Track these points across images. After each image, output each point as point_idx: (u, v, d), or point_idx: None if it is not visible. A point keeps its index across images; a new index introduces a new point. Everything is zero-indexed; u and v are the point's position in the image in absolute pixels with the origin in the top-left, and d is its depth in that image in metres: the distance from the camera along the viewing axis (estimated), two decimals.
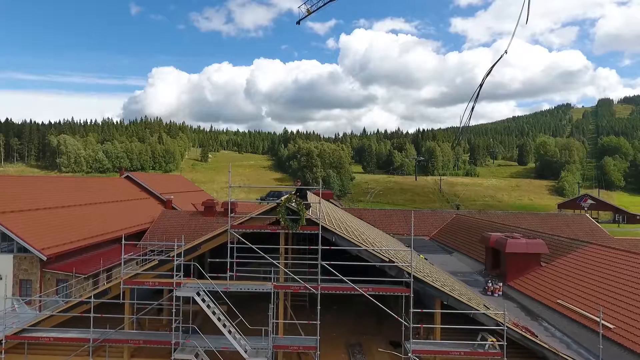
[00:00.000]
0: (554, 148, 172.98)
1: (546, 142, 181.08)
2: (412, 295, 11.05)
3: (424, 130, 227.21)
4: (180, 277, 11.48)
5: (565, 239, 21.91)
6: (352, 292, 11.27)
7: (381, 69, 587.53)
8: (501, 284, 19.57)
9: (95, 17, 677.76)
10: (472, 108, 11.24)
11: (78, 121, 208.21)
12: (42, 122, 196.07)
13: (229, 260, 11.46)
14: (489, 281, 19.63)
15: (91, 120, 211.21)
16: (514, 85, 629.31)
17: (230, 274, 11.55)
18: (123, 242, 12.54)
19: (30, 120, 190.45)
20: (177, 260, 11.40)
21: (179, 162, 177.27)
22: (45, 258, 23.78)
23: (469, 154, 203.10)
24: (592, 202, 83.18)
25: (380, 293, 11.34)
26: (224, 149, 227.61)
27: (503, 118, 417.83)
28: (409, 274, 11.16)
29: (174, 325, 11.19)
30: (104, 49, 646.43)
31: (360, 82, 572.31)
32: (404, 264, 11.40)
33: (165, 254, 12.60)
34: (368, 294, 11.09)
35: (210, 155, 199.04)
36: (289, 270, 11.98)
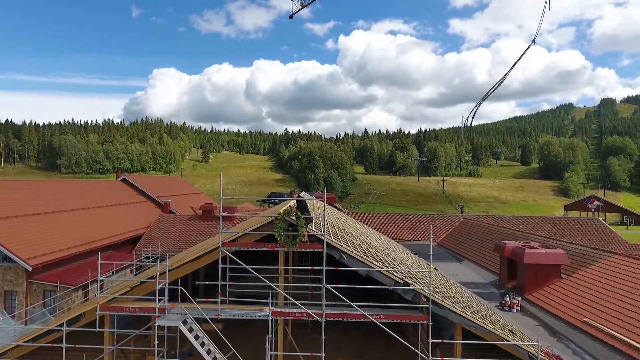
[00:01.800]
0: (557, 148, 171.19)
1: (550, 142, 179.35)
2: (430, 323, 9.60)
3: (425, 130, 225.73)
4: (164, 302, 10.04)
5: (586, 248, 20.40)
6: (362, 320, 9.82)
7: (380, 69, 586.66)
8: (519, 299, 18.08)
9: (96, 19, 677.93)
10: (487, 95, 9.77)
11: (79, 122, 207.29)
12: (43, 122, 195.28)
13: (220, 282, 10.02)
14: (507, 295, 18.14)
15: (92, 121, 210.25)
16: (514, 86, 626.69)
17: (222, 298, 10.12)
18: (100, 260, 11.07)
19: (31, 121, 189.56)
20: (160, 283, 9.96)
21: (179, 163, 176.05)
22: (31, 268, 22.37)
23: (471, 154, 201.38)
24: (599, 203, 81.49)
25: (394, 321, 9.89)
26: (225, 150, 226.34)
27: (503, 118, 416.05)
28: (427, 298, 9.70)
29: (156, 359, 9.77)
30: (105, 51, 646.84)
31: (360, 82, 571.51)
32: (421, 287, 9.95)
33: (151, 260, 11.17)
34: (380, 322, 9.64)
35: (211, 156, 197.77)
36: (288, 294, 10.53)
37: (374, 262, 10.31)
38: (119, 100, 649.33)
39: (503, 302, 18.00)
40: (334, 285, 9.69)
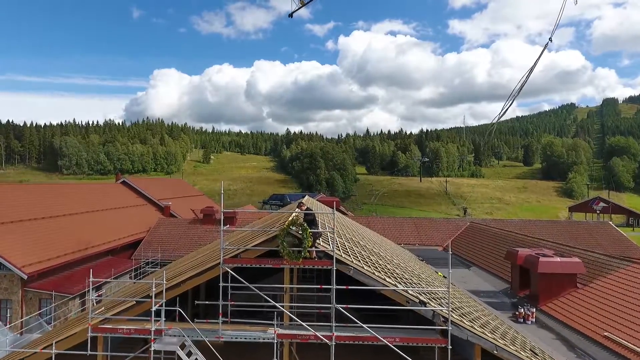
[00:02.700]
0: (560, 148, 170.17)
1: (553, 142, 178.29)
2: (449, 347, 8.85)
3: (427, 130, 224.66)
4: (160, 323, 9.30)
5: (602, 256, 19.60)
6: (375, 343, 9.08)
7: (380, 70, 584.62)
8: (534, 310, 17.30)
9: (97, 20, 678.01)
10: (512, 101, 9.06)
11: (80, 123, 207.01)
12: (44, 123, 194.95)
13: (221, 302, 9.28)
14: (521, 306, 17.36)
15: (93, 122, 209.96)
16: (513, 86, 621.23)
17: (224, 319, 9.38)
18: (91, 277, 10.32)
19: (32, 122, 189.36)
20: (156, 302, 9.19)
21: (180, 163, 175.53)
22: (26, 277, 21.67)
23: (473, 155, 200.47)
24: (605, 204, 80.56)
25: (410, 344, 9.14)
26: (226, 150, 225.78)
27: (504, 118, 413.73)
28: (446, 318, 8.94)
29: None
30: (105, 52, 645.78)
31: (360, 83, 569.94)
32: (439, 306, 9.20)
33: (151, 265, 10.42)
34: (394, 345, 8.89)
35: (212, 157, 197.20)
36: (294, 313, 9.78)
37: (388, 280, 9.56)
38: (119, 100, 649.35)
39: (517, 313, 17.23)
40: (344, 306, 8.94)
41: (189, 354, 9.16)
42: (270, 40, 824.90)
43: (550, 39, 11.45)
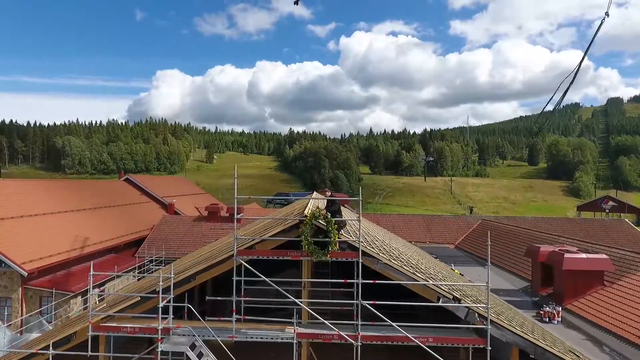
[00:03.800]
0: (566, 148, 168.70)
1: (558, 141, 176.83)
2: (489, 347, 7.98)
3: (431, 130, 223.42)
4: (168, 322, 8.46)
5: (629, 253, 18.65)
6: (405, 343, 8.21)
7: (381, 70, 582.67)
8: (560, 309, 16.36)
9: (101, 22, 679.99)
10: (565, 91, 8.17)
11: (83, 123, 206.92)
12: (47, 123, 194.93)
13: (234, 298, 8.43)
14: (546, 305, 16.42)
15: (96, 122, 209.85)
16: (515, 86, 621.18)
17: (237, 317, 8.52)
18: (92, 271, 9.49)
19: (35, 122, 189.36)
20: (163, 298, 8.33)
21: (184, 163, 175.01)
22: (26, 274, 20.89)
23: (477, 154, 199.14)
24: (614, 204, 79.33)
25: (445, 344, 8.27)
26: (229, 150, 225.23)
27: (506, 119, 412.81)
28: (484, 317, 8.06)
29: None
30: (109, 53, 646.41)
31: (361, 83, 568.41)
32: (476, 304, 8.32)
33: (155, 263, 9.58)
34: (427, 346, 8.02)
35: (215, 157, 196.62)
36: (314, 310, 8.90)
37: (419, 275, 8.70)
38: (122, 101, 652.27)
39: (542, 312, 16.30)
40: (371, 302, 8.08)
41: (199, 355, 8.31)
42: (272, 41, 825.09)
43: (606, 14, 10.52)
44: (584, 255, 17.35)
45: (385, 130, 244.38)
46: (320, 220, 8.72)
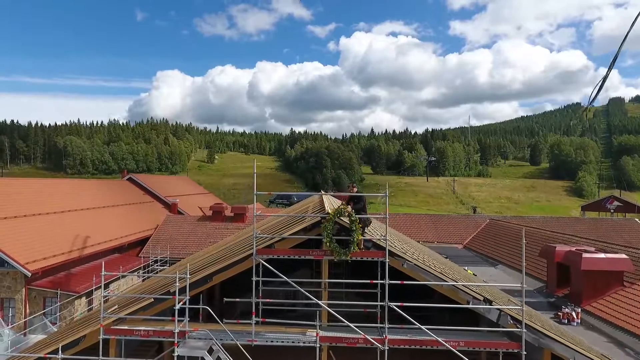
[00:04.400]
0: (568, 147, 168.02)
1: (561, 141, 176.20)
2: (524, 352, 7.53)
3: (433, 130, 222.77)
4: (184, 324, 8.02)
5: None
6: (435, 348, 7.77)
7: (381, 70, 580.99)
8: (579, 310, 15.90)
9: (102, 22, 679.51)
10: (605, 78, 7.73)
11: (84, 123, 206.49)
12: (49, 124, 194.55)
13: (254, 299, 7.99)
14: (564, 306, 15.97)
15: (97, 122, 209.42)
16: (515, 86, 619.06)
17: (257, 319, 8.09)
18: (103, 271, 9.05)
19: (36, 122, 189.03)
20: (180, 300, 7.87)
21: (185, 163, 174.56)
22: (30, 274, 20.46)
23: (479, 154, 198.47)
24: (619, 203, 78.59)
25: (477, 349, 7.82)
26: (231, 150, 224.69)
27: (507, 119, 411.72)
28: (517, 320, 7.61)
29: None
30: (109, 53, 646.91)
31: (361, 84, 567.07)
32: (509, 306, 7.87)
33: (160, 263, 9.14)
34: (458, 350, 7.57)
35: (216, 157, 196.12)
36: (337, 312, 8.45)
37: (446, 276, 8.26)
38: (123, 102, 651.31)
39: (560, 313, 15.85)
40: (399, 304, 7.63)
41: None
42: (272, 41, 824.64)
43: None
44: (602, 255, 16.90)
45: (386, 130, 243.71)
46: (343, 218, 8.27)
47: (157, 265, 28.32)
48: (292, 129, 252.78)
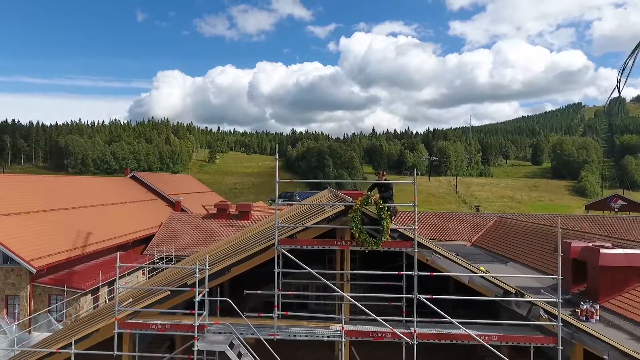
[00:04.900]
0: (570, 147, 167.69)
1: (563, 140, 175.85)
2: (560, 347, 7.20)
3: (434, 130, 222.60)
4: (204, 317, 7.69)
5: None
6: (466, 342, 7.44)
7: (381, 71, 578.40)
8: (598, 306, 15.54)
9: (102, 23, 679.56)
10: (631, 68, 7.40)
11: (85, 122, 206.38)
12: (50, 123, 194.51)
13: (276, 292, 7.66)
14: (583, 302, 15.59)
15: (98, 122, 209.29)
16: (515, 86, 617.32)
17: (280, 312, 7.76)
18: (118, 263, 8.73)
19: (38, 122, 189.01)
20: (199, 292, 7.53)
21: (186, 163, 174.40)
22: (35, 271, 20.15)
23: (480, 154, 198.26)
24: (623, 202, 78.26)
25: (511, 344, 7.50)
26: (232, 150, 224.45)
27: (507, 119, 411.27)
28: (552, 315, 7.28)
29: None
30: (110, 53, 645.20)
31: (361, 84, 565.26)
32: (540, 298, 7.56)
33: (165, 261, 8.83)
34: (490, 345, 7.24)
35: (217, 157, 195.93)
36: (355, 306, 8.12)
37: (475, 267, 7.94)
38: (123, 102, 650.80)
39: (578, 310, 15.48)
40: (428, 297, 7.31)
41: (238, 355, 7.52)
42: (273, 42, 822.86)
43: None
44: (620, 251, 16.55)
45: (387, 130, 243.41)
46: (369, 207, 7.96)
47: (162, 263, 28.00)
48: (293, 128, 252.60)
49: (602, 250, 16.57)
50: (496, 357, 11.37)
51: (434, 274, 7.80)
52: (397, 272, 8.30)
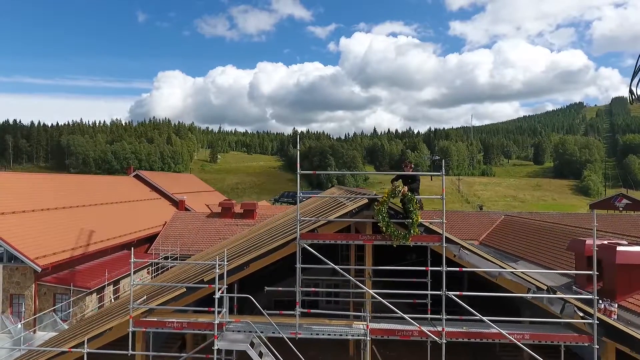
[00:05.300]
0: (573, 146, 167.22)
1: (565, 140, 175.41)
2: (596, 346, 6.90)
3: (435, 129, 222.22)
4: (223, 315, 7.38)
5: None
6: (497, 341, 7.13)
7: (382, 71, 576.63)
8: (616, 305, 15.20)
9: (103, 23, 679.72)
10: None
11: (87, 122, 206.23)
12: (51, 123, 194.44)
13: (298, 288, 7.36)
14: (602, 301, 15.25)
15: (100, 122, 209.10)
16: (515, 86, 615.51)
17: (302, 310, 7.46)
18: (133, 258, 8.40)
19: (39, 122, 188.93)
20: (219, 289, 7.20)
21: (187, 163, 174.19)
22: (40, 269, 19.87)
23: (482, 154, 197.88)
24: (628, 202, 77.89)
25: (542, 342, 7.18)
26: (233, 150, 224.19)
27: (508, 119, 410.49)
28: (586, 313, 6.97)
29: None
30: (110, 54, 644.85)
31: (362, 84, 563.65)
32: (579, 296, 7.25)
33: (170, 260, 8.52)
34: (523, 344, 6.93)
35: (219, 156, 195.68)
36: (378, 304, 7.82)
37: (505, 263, 7.63)
38: (124, 102, 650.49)
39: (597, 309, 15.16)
40: (457, 293, 7.00)
41: (259, 355, 7.22)
42: (273, 42, 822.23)
43: None
44: (638, 249, 16.20)
45: (389, 130, 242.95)
46: (392, 200, 7.66)
47: (167, 262, 27.73)
48: (294, 128, 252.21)
49: (619, 248, 16.21)
50: (515, 357, 11.04)
51: (464, 269, 7.51)
52: (424, 268, 8.01)
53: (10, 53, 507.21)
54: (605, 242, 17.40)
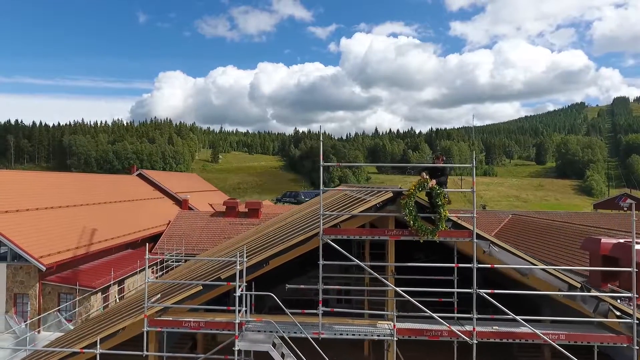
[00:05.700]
0: (575, 146, 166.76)
1: (568, 140, 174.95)
2: (635, 347, 6.57)
3: (437, 129, 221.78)
4: (243, 314, 7.05)
5: None
6: (530, 341, 6.81)
7: (382, 71, 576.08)
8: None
9: (104, 24, 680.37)
10: None
11: (88, 122, 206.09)
12: (53, 124, 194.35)
13: (320, 286, 7.04)
14: (620, 301, 14.90)
15: (101, 122, 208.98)
16: (516, 86, 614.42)
17: (325, 309, 7.13)
18: (147, 255, 8.07)
19: (41, 122, 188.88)
20: (239, 287, 6.85)
21: (189, 163, 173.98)
22: (45, 268, 19.56)
23: (484, 154, 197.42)
24: (632, 201, 77.49)
25: (578, 342, 6.86)
26: (234, 150, 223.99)
27: (509, 119, 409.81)
28: (625, 313, 6.64)
29: None
30: (111, 54, 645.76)
31: (362, 84, 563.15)
32: (618, 294, 6.92)
33: (181, 260, 8.17)
34: (558, 344, 6.61)
35: (220, 156, 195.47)
36: (403, 302, 7.49)
37: (534, 260, 7.31)
38: (125, 102, 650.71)
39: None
40: (489, 291, 6.67)
41: (281, 356, 6.89)
42: (273, 42, 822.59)
43: None
44: None
45: (390, 130, 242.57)
46: (418, 194, 7.34)
47: (171, 262, 27.41)
48: (295, 128, 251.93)
49: (638, 247, 15.89)
50: (536, 357, 10.68)
51: (496, 266, 7.18)
52: (454, 264, 7.69)
53: (10, 53, 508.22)
54: (622, 240, 17.08)
